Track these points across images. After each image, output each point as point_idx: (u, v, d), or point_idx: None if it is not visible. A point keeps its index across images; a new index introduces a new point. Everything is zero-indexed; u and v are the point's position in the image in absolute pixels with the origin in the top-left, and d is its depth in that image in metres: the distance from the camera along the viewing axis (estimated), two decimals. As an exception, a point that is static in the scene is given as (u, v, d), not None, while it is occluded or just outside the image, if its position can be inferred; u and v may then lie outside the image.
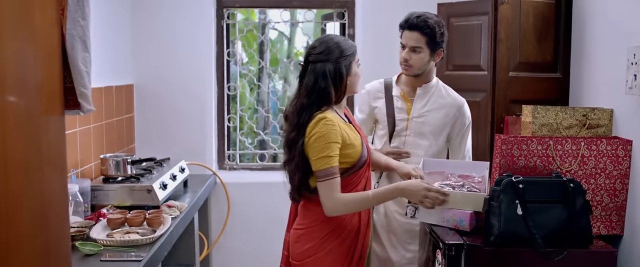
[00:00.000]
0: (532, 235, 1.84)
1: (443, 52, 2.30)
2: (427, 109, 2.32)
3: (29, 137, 1.08)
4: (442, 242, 1.92)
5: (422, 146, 2.32)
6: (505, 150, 2.05)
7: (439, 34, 2.23)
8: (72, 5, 1.24)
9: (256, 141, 4.06)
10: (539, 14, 2.68)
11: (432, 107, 2.33)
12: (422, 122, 2.32)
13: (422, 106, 2.33)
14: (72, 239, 2.07)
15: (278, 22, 4.64)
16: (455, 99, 2.36)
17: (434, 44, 2.24)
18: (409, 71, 2.29)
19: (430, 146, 2.32)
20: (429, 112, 2.32)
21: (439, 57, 2.30)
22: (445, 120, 2.32)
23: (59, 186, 1.20)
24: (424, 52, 2.24)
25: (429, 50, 2.24)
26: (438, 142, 2.34)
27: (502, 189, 1.89)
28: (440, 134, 2.33)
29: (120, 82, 3.25)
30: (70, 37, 1.25)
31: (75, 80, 1.26)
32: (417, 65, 2.26)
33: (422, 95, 2.34)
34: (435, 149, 2.34)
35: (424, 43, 2.22)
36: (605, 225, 2.11)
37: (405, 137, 2.33)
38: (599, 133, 2.18)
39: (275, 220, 3.57)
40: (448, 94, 2.36)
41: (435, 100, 2.33)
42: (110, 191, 2.57)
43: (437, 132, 2.32)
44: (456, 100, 2.35)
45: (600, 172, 2.08)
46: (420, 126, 2.32)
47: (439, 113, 2.32)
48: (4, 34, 0.96)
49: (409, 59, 2.25)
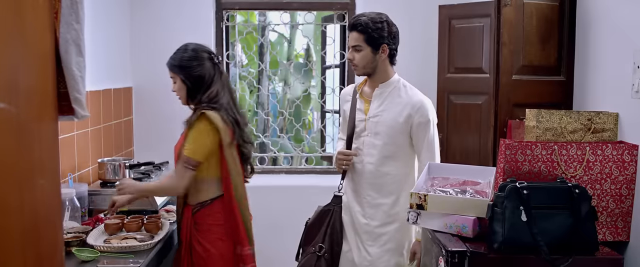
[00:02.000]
0: (536, 242, 1.81)
1: (388, 48, 2.26)
2: (382, 108, 2.30)
3: (20, 144, 1.04)
4: (444, 249, 1.88)
5: (377, 146, 2.29)
6: (509, 155, 2.01)
7: (374, 30, 2.22)
8: (65, 8, 1.21)
9: (256, 143, 4.03)
10: (543, 16, 2.65)
11: (387, 106, 2.29)
12: (376, 122, 2.30)
13: (377, 106, 2.31)
14: (69, 245, 2.04)
15: (278, 24, 4.62)
16: (411, 97, 2.28)
17: (373, 40, 2.23)
18: (356, 70, 2.32)
19: (385, 146, 2.28)
20: (383, 111, 2.29)
21: (385, 53, 2.26)
22: (398, 119, 2.26)
23: (51, 194, 1.17)
24: (365, 50, 2.25)
25: (369, 47, 2.24)
26: (395, 141, 2.28)
27: (506, 194, 1.86)
28: (395, 134, 2.27)
29: (118, 85, 3.22)
30: (64, 41, 1.21)
31: (69, 85, 1.23)
32: (361, 64, 2.27)
33: (378, 95, 2.32)
34: (391, 149, 2.28)
35: (363, 41, 2.24)
36: (611, 231, 2.07)
37: (364, 137, 2.33)
38: (604, 138, 2.15)
39: (274, 224, 3.54)
40: (406, 94, 2.30)
41: (391, 100, 2.30)
42: (108, 195, 2.54)
43: (391, 132, 2.27)
44: (411, 99, 2.27)
45: (605, 177, 2.04)
46: (374, 126, 2.30)
47: (392, 112, 2.28)
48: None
49: (352, 58, 2.29)
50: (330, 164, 3.85)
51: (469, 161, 2.84)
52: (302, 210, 3.43)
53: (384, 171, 2.29)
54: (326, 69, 3.86)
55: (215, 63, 2.27)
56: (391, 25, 2.27)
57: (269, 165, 3.85)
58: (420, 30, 3.42)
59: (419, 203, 1.99)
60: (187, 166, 2.14)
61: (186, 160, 2.14)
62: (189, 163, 2.14)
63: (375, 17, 2.25)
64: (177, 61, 2.23)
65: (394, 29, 2.28)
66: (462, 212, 1.94)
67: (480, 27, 2.83)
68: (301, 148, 3.95)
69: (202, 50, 2.26)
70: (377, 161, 2.29)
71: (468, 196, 2.01)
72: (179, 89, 2.24)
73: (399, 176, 2.30)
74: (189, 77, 2.21)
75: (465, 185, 2.16)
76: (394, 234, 2.31)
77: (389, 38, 2.25)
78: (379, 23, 2.24)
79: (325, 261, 2.32)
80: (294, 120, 4.03)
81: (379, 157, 2.29)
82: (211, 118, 2.14)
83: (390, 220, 2.30)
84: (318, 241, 2.35)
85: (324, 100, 3.82)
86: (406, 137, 2.29)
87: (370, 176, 2.31)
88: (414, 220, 2.02)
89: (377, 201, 2.31)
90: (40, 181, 1.12)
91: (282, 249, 3.51)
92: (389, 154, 2.29)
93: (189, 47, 2.26)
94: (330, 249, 2.34)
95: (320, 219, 2.41)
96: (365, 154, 2.32)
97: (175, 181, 2.19)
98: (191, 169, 2.15)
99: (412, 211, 2.00)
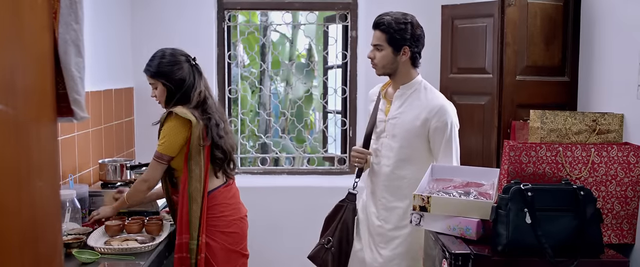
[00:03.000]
0: (541, 244, 1.79)
1: (410, 50, 2.23)
2: (400, 110, 2.27)
3: (18, 146, 1.03)
4: (448, 251, 1.86)
5: (394, 149, 2.27)
6: (514, 156, 1.99)
7: (397, 30, 2.19)
8: (64, 8, 1.19)
9: (257, 144, 4.01)
10: (547, 16, 2.63)
11: (406, 109, 2.26)
12: (394, 124, 2.27)
13: (396, 108, 2.29)
14: (69, 247, 2.02)
15: (280, 24, 4.60)
16: (430, 101, 2.24)
17: (395, 41, 2.21)
18: (376, 70, 2.31)
19: (401, 148, 2.25)
20: (402, 113, 2.27)
21: (406, 55, 2.23)
22: (415, 122, 2.22)
23: (50, 197, 1.15)
24: (386, 49, 2.23)
25: (391, 47, 2.22)
26: (411, 144, 2.24)
27: (511, 197, 1.84)
28: (412, 138, 2.24)
29: (119, 85, 3.20)
30: (62, 41, 1.19)
31: (68, 86, 1.21)
32: (381, 63, 2.26)
33: (399, 96, 2.29)
34: (407, 152, 2.25)
35: (384, 40, 2.22)
36: (617, 234, 2.05)
37: (383, 138, 2.31)
38: (609, 139, 2.13)
39: (276, 225, 3.53)
40: (425, 97, 2.26)
41: (410, 102, 2.26)
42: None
43: (408, 135, 2.24)
44: (430, 103, 2.23)
45: (611, 179, 2.02)
46: (392, 128, 2.28)
47: (409, 115, 2.24)
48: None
49: (373, 57, 2.27)
50: (332, 165, 3.83)
51: (471, 162, 2.81)
52: (304, 211, 3.42)
53: (400, 174, 2.26)
54: (328, 69, 3.85)
55: (192, 65, 2.33)
56: (415, 27, 2.23)
57: (270, 166, 3.84)
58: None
59: (422, 205, 1.97)
60: (158, 161, 2.23)
61: (159, 156, 2.23)
62: (162, 159, 2.23)
63: (400, 17, 2.22)
64: (156, 67, 2.28)
65: (419, 31, 2.24)
66: (465, 214, 1.92)
67: (484, 27, 2.81)
68: (303, 149, 3.94)
69: (180, 53, 2.32)
70: (394, 164, 2.27)
71: (472, 197, 1.99)
72: (160, 94, 2.30)
73: (415, 180, 2.21)
74: (171, 81, 2.27)
75: (468, 187, 2.14)
76: (407, 238, 2.28)
77: (411, 40, 2.22)
78: (403, 24, 2.20)
79: (332, 254, 2.34)
80: (295, 121, 4.01)
81: (395, 160, 2.26)
82: (180, 113, 2.21)
83: (404, 224, 2.27)
84: (328, 234, 2.37)
85: (326, 101, 3.80)
86: (423, 141, 2.24)
87: (386, 179, 2.29)
88: (417, 222, 2.01)
89: (392, 204, 2.29)
90: (38, 183, 1.10)
91: (284, 250, 3.50)
92: (406, 157, 2.26)
93: (167, 52, 2.31)
94: (338, 243, 2.35)
95: (334, 213, 2.42)
96: (383, 156, 2.30)
97: (145, 174, 2.29)
98: (163, 163, 2.24)
99: (415, 213, 1.98)
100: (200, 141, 2.23)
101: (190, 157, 2.22)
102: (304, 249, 2.49)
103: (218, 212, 2.30)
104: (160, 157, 2.23)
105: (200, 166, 2.23)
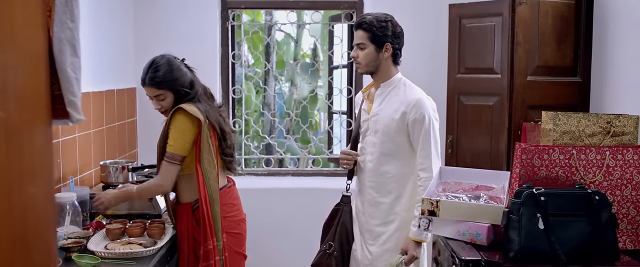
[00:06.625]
0: (554, 250, 1.75)
1: (391, 47, 2.27)
2: (381, 107, 2.31)
3: (9, 151, 0.98)
4: (458, 257, 1.81)
5: (376, 144, 2.30)
6: (526, 160, 1.93)
7: (379, 28, 2.25)
8: (59, 6, 1.14)
9: (262, 145, 3.96)
10: (559, 14, 2.57)
11: (386, 105, 2.30)
12: (376, 121, 2.31)
13: (377, 105, 2.33)
14: (69, 251, 1.99)
15: (284, 24, 4.55)
16: (408, 95, 2.27)
17: (377, 38, 2.26)
18: (359, 68, 2.34)
19: (383, 144, 2.27)
20: (382, 110, 2.30)
21: (389, 52, 2.28)
22: (394, 116, 2.25)
23: (44, 203, 1.10)
24: (369, 47, 2.27)
25: (373, 45, 2.27)
26: (392, 139, 2.26)
27: (523, 201, 1.79)
28: (392, 132, 2.26)
29: (122, 86, 3.16)
30: (57, 40, 1.15)
31: (63, 87, 1.16)
32: (364, 61, 2.30)
33: (379, 94, 2.34)
34: (389, 147, 2.27)
35: (367, 39, 2.27)
36: (632, 239, 1.99)
37: (367, 136, 2.35)
38: (624, 141, 2.06)
39: (281, 227, 3.48)
40: (404, 92, 2.29)
41: (390, 98, 2.30)
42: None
43: (388, 130, 2.26)
44: (407, 97, 2.26)
45: (626, 183, 1.96)
46: (375, 125, 2.31)
47: (388, 110, 2.28)
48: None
49: (356, 56, 2.31)
50: (337, 166, 3.78)
51: (479, 164, 2.76)
52: (309, 212, 3.37)
53: (383, 169, 2.29)
54: (333, 69, 3.80)
55: (187, 66, 2.31)
56: (395, 25, 2.30)
57: (275, 167, 3.79)
58: (429, 29, 3.34)
59: (431, 209, 1.92)
60: (172, 162, 2.17)
61: (171, 156, 2.17)
62: (174, 159, 2.17)
63: (381, 16, 2.29)
64: (162, 77, 2.20)
65: (398, 29, 2.31)
66: (475, 219, 1.88)
67: (492, 27, 2.75)
68: (308, 149, 3.89)
69: (174, 58, 2.29)
70: (377, 159, 2.30)
71: (482, 202, 1.94)
72: (168, 103, 2.24)
73: (399, 176, 2.28)
74: (182, 85, 2.23)
75: (478, 190, 2.08)
76: (393, 233, 2.29)
77: (392, 37, 2.28)
78: (384, 22, 2.27)
79: (334, 259, 2.37)
80: (300, 121, 3.96)
81: (378, 155, 2.30)
82: (189, 110, 2.17)
83: (390, 219, 2.30)
84: (329, 239, 2.41)
85: (332, 101, 3.75)
86: (404, 136, 2.27)
87: (371, 174, 2.33)
88: (426, 227, 1.96)
89: (376, 199, 2.32)
90: (31, 189, 1.05)
91: (289, 251, 3.46)
92: (388, 152, 2.28)
93: (164, 61, 2.24)
94: (340, 247, 2.38)
95: (331, 218, 2.46)
96: (367, 153, 2.34)
97: (160, 178, 2.20)
98: (177, 164, 2.17)
99: (424, 217, 1.94)
100: (209, 140, 2.20)
101: (202, 158, 2.18)
102: (309, 252, 2.46)
103: (224, 213, 2.27)
104: (173, 158, 2.17)
105: (213, 165, 2.20)
